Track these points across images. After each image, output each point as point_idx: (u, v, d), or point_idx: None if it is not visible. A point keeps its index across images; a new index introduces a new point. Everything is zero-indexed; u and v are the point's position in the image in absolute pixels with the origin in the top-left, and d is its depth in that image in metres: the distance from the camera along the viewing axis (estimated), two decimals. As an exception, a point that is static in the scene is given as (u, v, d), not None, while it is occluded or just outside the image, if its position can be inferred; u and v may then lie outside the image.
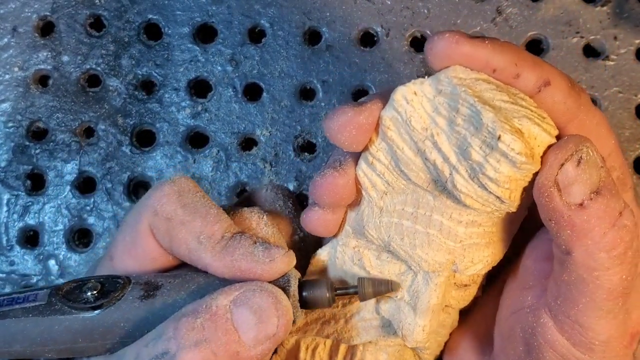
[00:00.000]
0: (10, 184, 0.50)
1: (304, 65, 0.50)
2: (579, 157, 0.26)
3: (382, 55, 0.49)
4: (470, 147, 0.27)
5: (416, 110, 0.29)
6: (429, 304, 0.31)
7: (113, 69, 0.51)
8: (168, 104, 0.50)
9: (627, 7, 0.49)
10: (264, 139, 0.49)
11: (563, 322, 0.28)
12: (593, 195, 0.26)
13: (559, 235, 0.27)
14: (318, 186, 0.31)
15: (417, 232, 0.31)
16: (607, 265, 0.26)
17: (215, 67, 0.50)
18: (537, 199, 0.27)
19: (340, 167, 0.31)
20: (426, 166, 0.29)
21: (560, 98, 0.29)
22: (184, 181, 0.31)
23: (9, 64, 0.51)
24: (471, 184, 0.28)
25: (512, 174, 0.27)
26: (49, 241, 0.50)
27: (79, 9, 0.52)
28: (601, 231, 0.26)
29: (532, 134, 0.27)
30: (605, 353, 0.28)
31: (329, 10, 0.50)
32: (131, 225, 0.31)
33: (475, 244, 0.30)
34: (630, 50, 0.49)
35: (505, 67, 0.29)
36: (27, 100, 0.51)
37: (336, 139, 0.30)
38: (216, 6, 0.51)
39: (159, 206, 0.30)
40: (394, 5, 0.50)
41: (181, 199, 0.30)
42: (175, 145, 0.50)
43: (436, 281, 0.31)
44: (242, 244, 0.30)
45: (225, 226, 0.30)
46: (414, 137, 0.29)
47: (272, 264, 0.29)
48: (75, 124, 0.50)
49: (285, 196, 0.36)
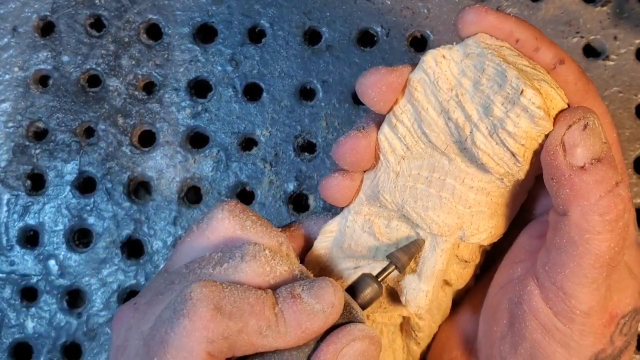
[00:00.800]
0: (10, 183, 0.50)
1: (304, 65, 0.50)
2: (585, 122, 0.28)
3: (382, 55, 0.49)
4: (493, 103, 0.30)
5: (443, 72, 0.31)
6: (434, 269, 0.33)
7: (113, 69, 0.51)
8: (168, 104, 0.50)
9: (627, 7, 0.49)
10: (264, 139, 0.49)
11: (548, 290, 0.30)
12: (594, 161, 0.28)
13: (559, 194, 0.28)
14: (342, 145, 0.33)
15: (430, 195, 0.32)
16: (598, 228, 0.28)
17: (215, 67, 0.50)
18: (543, 158, 0.29)
19: (364, 130, 0.33)
20: (447, 126, 0.31)
21: (572, 79, 0.32)
22: (210, 290, 0.29)
23: (9, 64, 0.51)
24: (490, 140, 0.30)
25: (529, 130, 0.29)
26: (49, 241, 0.50)
27: (79, 9, 0.52)
28: (597, 194, 0.28)
29: (550, 95, 0.29)
30: (584, 326, 0.30)
31: (329, 10, 0.50)
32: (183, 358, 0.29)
33: (481, 212, 0.32)
34: (630, 50, 0.49)
35: (527, 39, 0.31)
36: (27, 100, 0.51)
37: (366, 94, 0.32)
38: (216, 6, 0.51)
39: (210, 333, 0.28)
40: (394, 5, 0.50)
41: (223, 311, 0.28)
42: (175, 145, 0.50)
43: (442, 247, 0.33)
44: (296, 310, 0.29)
45: (269, 301, 0.29)
46: (439, 98, 0.31)
47: (335, 309, 0.29)
48: (75, 124, 0.50)
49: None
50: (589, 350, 0.30)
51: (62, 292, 0.49)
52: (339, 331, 0.30)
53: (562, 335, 0.30)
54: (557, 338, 0.30)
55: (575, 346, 0.30)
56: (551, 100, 0.29)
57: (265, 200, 0.49)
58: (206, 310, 0.28)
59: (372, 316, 0.35)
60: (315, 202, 0.49)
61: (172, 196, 0.49)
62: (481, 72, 0.30)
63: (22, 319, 0.49)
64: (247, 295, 0.29)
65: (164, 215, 0.49)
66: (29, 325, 0.49)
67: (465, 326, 0.37)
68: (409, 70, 0.32)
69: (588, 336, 0.30)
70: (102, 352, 0.48)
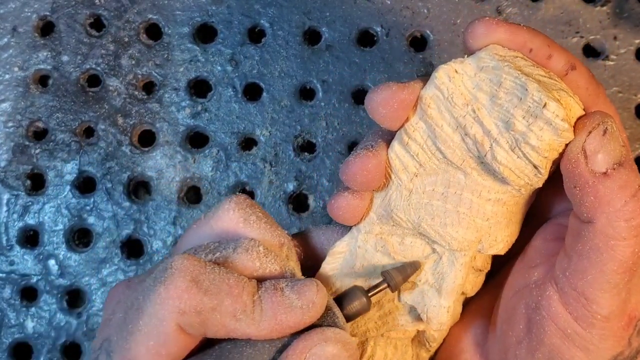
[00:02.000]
0: (10, 183, 0.50)
1: (304, 65, 0.50)
2: (604, 127, 0.28)
3: (382, 55, 0.49)
4: (514, 117, 0.29)
5: (457, 87, 0.30)
6: (454, 285, 0.33)
7: (113, 68, 0.51)
8: (168, 103, 0.50)
9: (627, 7, 0.49)
10: (263, 139, 0.49)
11: (568, 295, 0.30)
12: (616, 166, 0.28)
13: (583, 202, 0.28)
14: (351, 166, 0.32)
15: (447, 211, 0.32)
16: (624, 234, 0.28)
17: (215, 67, 0.50)
18: (565, 167, 0.29)
19: (373, 149, 0.32)
20: (464, 142, 0.31)
21: (583, 84, 0.32)
22: (190, 263, 0.29)
23: (8, 64, 0.51)
24: (511, 154, 0.30)
25: (553, 142, 0.29)
26: (48, 241, 0.50)
27: (78, 9, 0.52)
28: (622, 200, 0.28)
29: (569, 104, 0.29)
30: (604, 330, 0.30)
31: (329, 10, 0.50)
32: (152, 327, 0.29)
33: (499, 223, 0.32)
34: (630, 50, 0.49)
35: (539, 47, 0.31)
36: (27, 100, 0.51)
37: (377, 112, 0.31)
38: (216, 6, 0.51)
39: (183, 304, 0.28)
40: (394, 5, 0.50)
41: (199, 284, 0.28)
42: (175, 145, 0.50)
43: (462, 261, 0.32)
44: (275, 302, 0.29)
45: (249, 288, 0.29)
46: (454, 114, 0.31)
47: (314, 308, 0.29)
48: (75, 123, 0.50)
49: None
50: (608, 353, 0.30)
51: (62, 292, 0.49)
52: (314, 330, 0.29)
53: (581, 340, 0.30)
54: (577, 342, 0.30)
55: (595, 350, 0.30)
56: (571, 110, 0.29)
57: (265, 200, 0.49)
58: (182, 280, 0.28)
59: (386, 333, 0.35)
60: (315, 202, 0.49)
61: (171, 196, 0.49)
62: (498, 85, 0.29)
63: (22, 318, 0.49)
64: (228, 277, 0.29)
65: (163, 215, 0.49)
66: (28, 325, 0.49)
67: (475, 329, 0.36)
68: (421, 85, 0.32)
69: (608, 339, 0.30)
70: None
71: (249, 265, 0.30)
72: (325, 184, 0.49)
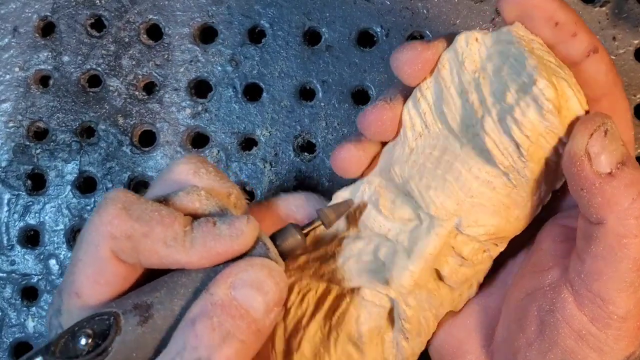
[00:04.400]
0: (11, 183, 0.50)
1: (304, 66, 0.50)
2: (605, 128, 0.28)
3: (382, 55, 0.49)
4: (508, 90, 0.30)
5: (472, 54, 0.31)
6: (424, 251, 0.33)
7: (113, 69, 0.51)
8: (168, 104, 0.50)
9: (626, 7, 0.49)
10: (264, 139, 0.50)
11: (584, 297, 0.30)
12: (620, 166, 0.28)
13: (591, 204, 0.28)
14: (368, 115, 0.34)
15: (436, 176, 0.33)
16: (635, 232, 0.28)
17: (215, 67, 0.50)
18: (569, 170, 0.29)
19: (390, 102, 0.34)
20: (465, 108, 0.32)
21: (603, 69, 0.32)
22: (123, 194, 0.31)
23: (9, 64, 0.51)
24: (497, 127, 0.30)
25: (536, 122, 0.29)
26: (49, 241, 0.50)
27: (79, 9, 0.52)
28: (630, 198, 0.28)
29: (565, 95, 0.29)
30: (620, 330, 0.30)
31: (329, 11, 0.50)
32: (89, 255, 0.30)
33: (482, 205, 0.32)
34: (629, 51, 0.49)
35: (566, 22, 0.31)
36: (27, 100, 0.51)
37: (401, 71, 0.33)
38: (216, 6, 0.51)
39: (114, 228, 0.29)
40: (394, 5, 0.50)
41: (131, 212, 0.30)
42: (176, 145, 0.50)
43: (437, 231, 0.33)
44: (206, 231, 0.30)
45: (182, 220, 0.30)
46: (462, 78, 0.31)
47: (243, 236, 0.30)
48: (76, 124, 0.51)
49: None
50: (622, 353, 0.30)
51: (62, 292, 0.49)
52: (242, 259, 0.30)
53: (596, 341, 0.30)
54: (591, 344, 0.30)
55: (609, 351, 0.30)
56: (566, 100, 0.29)
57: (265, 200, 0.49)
58: (113, 208, 0.30)
59: (360, 292, 0.35)
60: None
61: (172, 196, 0.50)
62: (505, 58, 0.30)
63: (22, 318, 0.49)
64: (160, 208, 0.30)
65: (164, 215, 0.49)
66: (29, 324, 0.49)
67: (480, 330, 0.36)
68: (444, 46, 0.33)
69: (622, 340, 0.30)
70: (103, 352, 0.48)
71: (188, 205, 0.31)
72: (325, 184, 0.49)
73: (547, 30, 0.31)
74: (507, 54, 0.30)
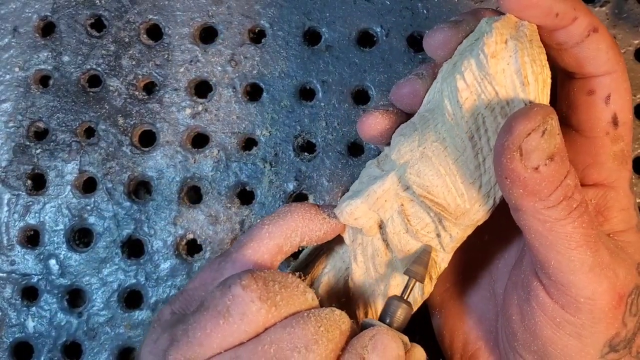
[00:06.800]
0: (11, 183, 0.50)
1: (304, 66, 0.50)
2: (544, 128, 0.28)
3: (381, 55, 0.49)
4: (469, 44, 0.32)
5: (475, 33, 0.33)
6: (369, 188, 0.34)
7: (113, 69, 0.51)
8: (168, 104, 0.50)
9: (626, 7, 0.49)
10: (264, 139, 0.50)
11: (549, 285, 0.30)
12: (547, 161, 0.28)
13: (511, 192, 0.29)
14: (402, 87, 0.35)
15: (420, 121, 0.34)
16: (554, 216, 0.29)
17: (215, 67, 0.50)
18: (498, 158, 0.29)
19: (423, 77, 0.35)
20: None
21: (604, 47, 0.32)
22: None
23: (9, 64, 0.51)
24: (453, 76, 0.32)
25: (472, 64, 0.31)
26: (49, 241, 0.50)
27: (79, 9, 0.52)
28: (549, 191, 0.28)
29: (507, 48, 0.31)
30: (593, 313, 0.30)
31: (329, 11, 0.50)
32: None
33: (429, 159, 0.33)
34: (629, 51, 0.49)
35: (566, 11, 0.31)
36: (27, 100, 0.51)
37: (434, 54, 0.34)
38: (216, 6, 0.51)
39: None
40: (394, 5, 0.50)
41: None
42: (176, 145, 0.50)
43: (390, 176, 0.34)
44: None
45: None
46: (460, 48, 0.34)
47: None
48: (76, 124, 0.51)
49: None
50: (602, 337, 0.30)
51: (62, 292, 0.49)
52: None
53: (572, 327, 0.30)
54: (568, 330, 0.30)
55: (588, 335, 0.30)
56: (505, 52, 0.30)
57: (265, 200, 0.49)
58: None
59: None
60: (314, 201, 0.49)
61: (172, 196, 0.50)
62: (479, 31, 0.32)
63: (22, 318, 0.49)
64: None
65: (164, 214, 0.49)
66: (29, 324, 0.49)
67: (487, 318, 0.37)
68: (472, 19, 0.34)
69: (600, 322, 0.30)
70: (103, 352, 0.48)
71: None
72: (325, 184, 0.49)
73: (549, 22, 0.32)
74: (481, 30, 0.32)
